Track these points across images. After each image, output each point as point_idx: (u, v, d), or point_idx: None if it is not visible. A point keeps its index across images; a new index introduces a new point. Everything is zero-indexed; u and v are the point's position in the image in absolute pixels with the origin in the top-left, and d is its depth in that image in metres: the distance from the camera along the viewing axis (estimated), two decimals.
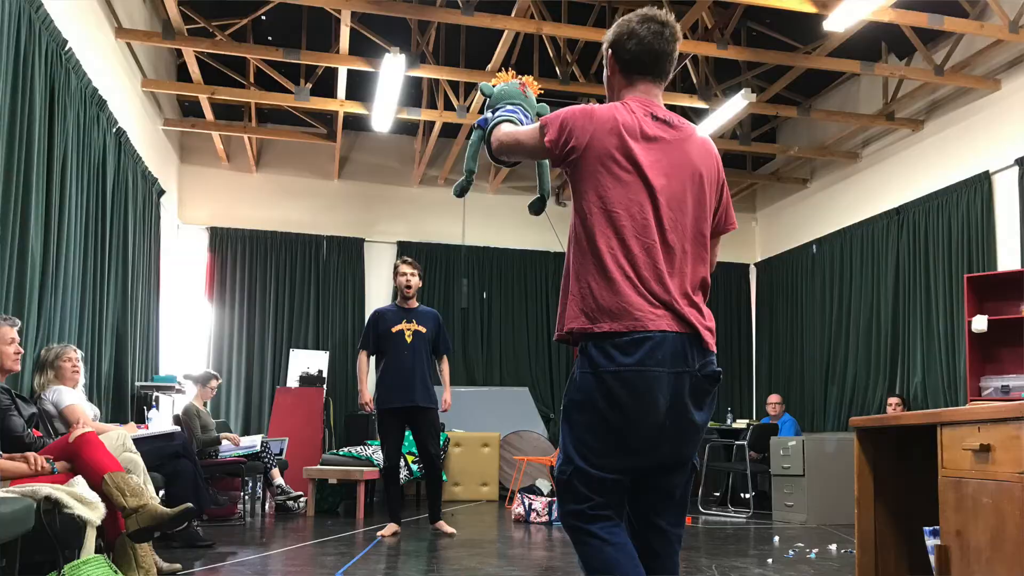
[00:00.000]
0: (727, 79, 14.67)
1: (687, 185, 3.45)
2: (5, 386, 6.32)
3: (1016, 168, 11.76)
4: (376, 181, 17.05)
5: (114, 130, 10.64)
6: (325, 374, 14.64)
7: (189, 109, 15.51)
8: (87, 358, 9.05)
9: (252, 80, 14.25)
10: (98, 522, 5.15)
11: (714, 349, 3.44)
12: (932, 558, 4.33)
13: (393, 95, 12.36)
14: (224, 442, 10.94)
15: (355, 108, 13.55)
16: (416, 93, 14.72)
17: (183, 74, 14.39)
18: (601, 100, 4.16)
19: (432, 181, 17.13)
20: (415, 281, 9.54)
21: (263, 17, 13.49)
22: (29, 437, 6.19)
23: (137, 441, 6.97)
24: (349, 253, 16.62)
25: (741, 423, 14.41)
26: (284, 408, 13.51)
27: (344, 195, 16.88)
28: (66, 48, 8.72)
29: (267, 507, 11.86)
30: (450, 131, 15.54)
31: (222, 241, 16.06)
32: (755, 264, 18.59)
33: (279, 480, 11.61)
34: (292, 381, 14.57)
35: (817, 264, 16.18)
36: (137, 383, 11.50)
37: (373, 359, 9.64)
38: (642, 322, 3.26)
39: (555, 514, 10.60)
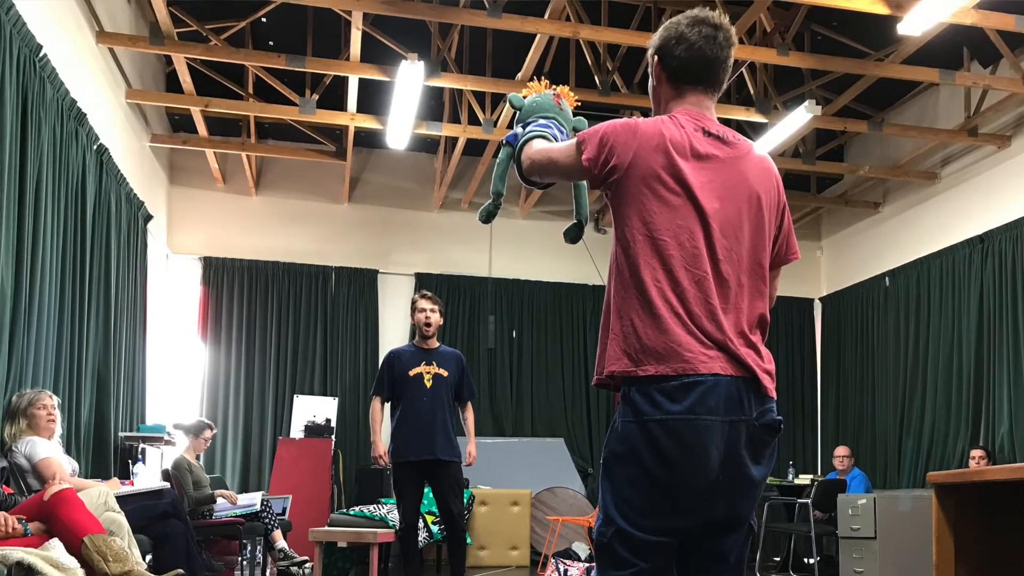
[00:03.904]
0: (788, 89, 14.63)
1: (743, 209, 3.45)
2: None
3: None
4: (391, 205, 17.08)
5: (95, 147, 10.70)
6: (334, 423, 14.64)
7: (180, 123, 15.56)
8: (64, 405, 9.07)
9: (251, 91, 14.30)
10: None
11: (774, 395, 3.43)
12: None
13: (410, 108, 12.38)
14: (219, 500, 10.95)
15: (367, 122, 13.61)
16: (437, 105, 14.78)
17: (173, 84, 14.41)
18: (646, 113, 4.17)
19: (455, 205, 17.17)
20: (435, 318, 9.51)
21: (263, 19, 13.51)
22: None
23: (121, 499, 6.99)
24: (361, 286, 16.64)
25: (804, 479, 14.36)
26: (287, 462, 13.52)
27: (355, 221, 16.93)
28: (40, 54, 8.77)
29: (268, 574, 11.86)
30: (475, 148, 15.48)
31: (217, 273, 16.09)
32: (820, 299, 18.52)
33: (281, 543, 11.61)
34: (296, 431, 14.56)
35: (890, 299, 16.11)
36: (121, 433, 11.51)
37: (388, 406, 9.61)
38: (692, 364, 3.26)
39: None
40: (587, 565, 10.84)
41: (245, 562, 11.17)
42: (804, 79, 14.44)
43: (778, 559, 14.96)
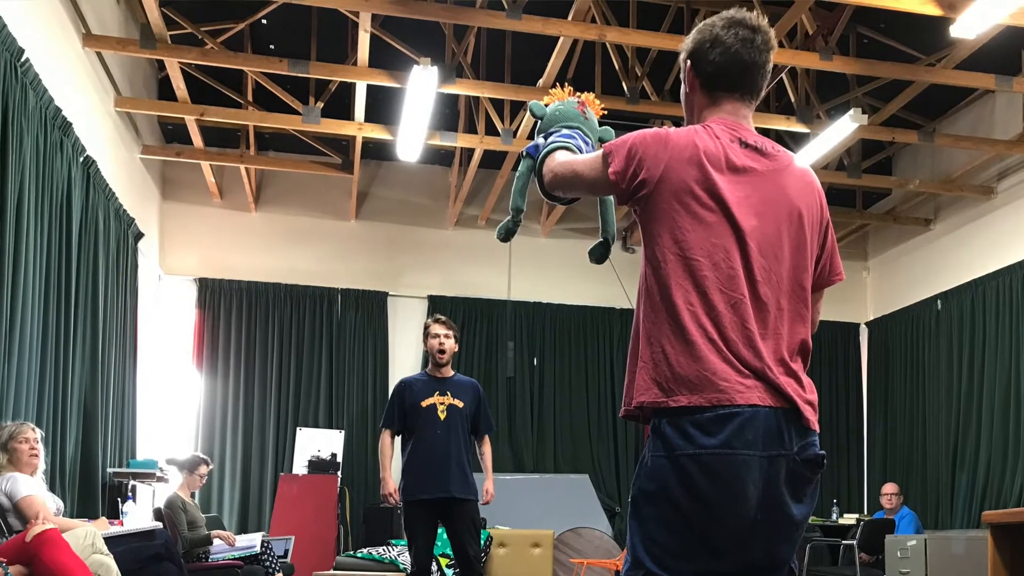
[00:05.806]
0: (832, 97, 14.62)
1: (783, 227, 3.45)
2: None
3: None
4: (402, 222, 17.09)
5: (81, 159, 10.73)
6: (340, 458, 14.65)
7: (173, 134, 15.62)
8: (48, 439, 9.06)
9: (250, 98, 14.35)
10: None
11: (816, 427, 3.42)
12: None
13: (423, 117, 12.39)
14: (216, 541, 10.94)
15: (376, 133, 13.63)
16: (451, 114, 14.79)
17: (166, 91, 14.44)
18: (678, 122, 4.18)
19: (471, 222, 17.18)
20: (450, 344, 9.47)
21: (264, 21, 13.54)
22: None
23: (109, 540, 6.99)
24: (369, 310, 16.65)
25: (849, 518, 14.32)
26: (289, 500, 13.51)
27: (363, 239, 16.94)
28: (22, 59, 8.78)
29: None
30: (493, 161, 15.45)
31: (213, 295, 16.10)
32: (867, 323, 18.49)
33: None
34: (299, 467, 14.56)
35: (943, 323, 16.06)
36: (110, 469, 11.52)
37: (399, 439, 9.59)
38: (728, 394, 3.25)
39: None
40: None
41: None
42: (849, 86, 14.42)
43: None
